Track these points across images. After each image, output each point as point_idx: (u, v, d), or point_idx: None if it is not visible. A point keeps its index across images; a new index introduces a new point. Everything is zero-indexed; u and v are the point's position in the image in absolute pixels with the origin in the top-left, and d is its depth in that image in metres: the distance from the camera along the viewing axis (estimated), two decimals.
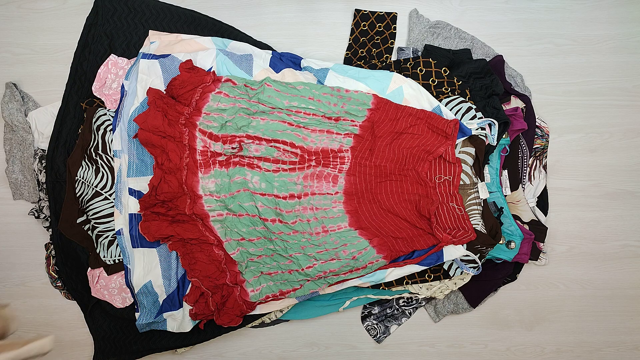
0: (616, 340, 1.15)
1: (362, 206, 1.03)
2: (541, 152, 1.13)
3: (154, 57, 1.05)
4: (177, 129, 1.00)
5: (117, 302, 1.06)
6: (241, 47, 1.08)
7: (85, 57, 1.10)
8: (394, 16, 1.16)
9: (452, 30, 1.15)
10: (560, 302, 1.16)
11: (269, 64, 1.07)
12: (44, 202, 1.09)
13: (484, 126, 1.04)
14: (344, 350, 1.15)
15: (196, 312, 1.01)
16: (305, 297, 1.03)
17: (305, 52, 1.14)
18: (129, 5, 1.10)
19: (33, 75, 1.15)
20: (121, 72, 1.07)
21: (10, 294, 1.15)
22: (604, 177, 1.16)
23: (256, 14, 1.17)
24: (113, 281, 1.05)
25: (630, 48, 1.17)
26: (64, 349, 1.16)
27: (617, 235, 1.16)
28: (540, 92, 1.16)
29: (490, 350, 1.16)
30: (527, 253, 1.07)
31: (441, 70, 1.08)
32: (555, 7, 1.18)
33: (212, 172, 1.01)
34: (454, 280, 1.07)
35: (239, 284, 1.01)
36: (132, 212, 1.01)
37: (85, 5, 1.12)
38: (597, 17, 1.18)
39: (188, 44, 1.07)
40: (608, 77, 1.17)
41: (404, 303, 1.13)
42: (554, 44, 1.17)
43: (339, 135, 1.03)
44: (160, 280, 1.02)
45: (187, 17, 1.12)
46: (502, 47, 1.15)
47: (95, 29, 1.10)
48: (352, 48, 1.15)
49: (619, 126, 1.17)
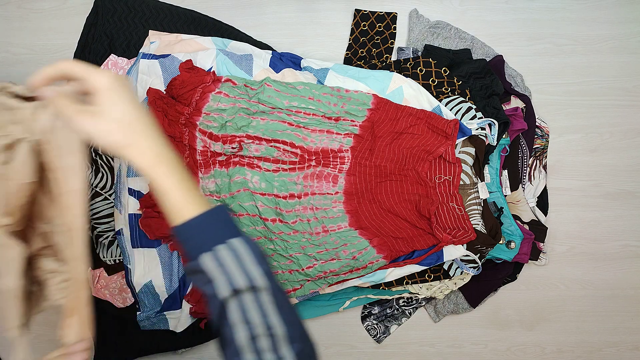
0: (616, 340, 1.15)
1: (362, 206, 1.03)
2: (541, 152, 1.13)
3: (154, 57, 1.05)
4: (177, 129, 1.00)
5: (117, 302, 1.06)
6: (241, 47, 1.08)
7: (85, 57, 1.10)
8: (394, 16, 1.16)
9: (452, 30, 1.15)
10: (561, 302, 1.16)
11: (269, 64, 1.07)
12: None
13: (484, 126, 1.04)
14: (344, 350, 1.15)
15: (196, 310, 1.01)
16: (306, 297, 1.03)
17: (305, 52, 1.14)
18: (129, 5, 1.10)
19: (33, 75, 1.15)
20: (121, 72, 1.08)
21: None
22: (604, 177, 1.16)
23: (256, 14, 1.17)
24: (113, 281, 1.05)
25: (631, 48, 1.17)
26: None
27: (617, 235, 1.16)
28: (540, 92, 1.16)
29: (490, 350, 1.16)
30: (527, 253, 1.07)
31: (441, 70, 1.08)
32: (555, 7, 1.18)
33: (212, 172, 1.01)
34: (454, 280, 1.07)
35: None
36: (132, 212, 1.01)
37: (85, 5, 1.12)
38: (598, 17, 1.18)
39: (188, 44, 1.07)
40: (608, 77, 1.17)
41: (404, 303, 1.13)
42: (554, 44, 1.17)
43: (339, 135, 1.03)
44: (161, 279, 1.02)
45: (187, 17, 1.12)
46: (502, 47, 1.15)
47: (95, 29, 1.10)
48: (352, 48, 1.15)
49: (620, 126, 1.17)
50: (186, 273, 0.56)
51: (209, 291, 0.51)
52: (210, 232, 0.53)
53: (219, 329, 0.52)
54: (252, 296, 0.50)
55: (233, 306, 0.50)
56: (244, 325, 0.49)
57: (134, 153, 0.54)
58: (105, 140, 0.53)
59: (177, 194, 0.54)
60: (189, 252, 0.54)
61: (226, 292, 0.50)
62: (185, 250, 0.54)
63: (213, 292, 0.51)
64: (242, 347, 0.48)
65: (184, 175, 0.56)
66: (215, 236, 0.52)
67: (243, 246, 0.52)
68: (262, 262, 0.53)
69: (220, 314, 0.50)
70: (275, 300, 0.51)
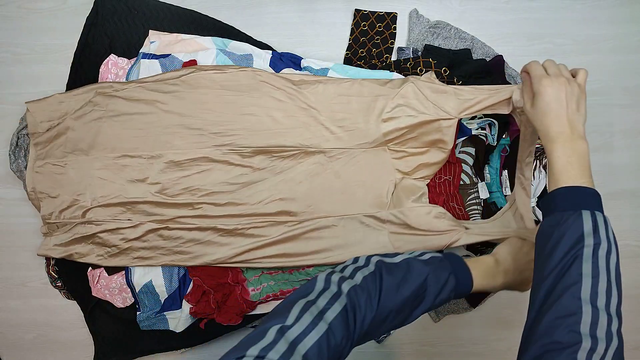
0: None
1: None
2: (541, 152, 1.13)
3: (154, 57, 1.05)
4: None
5: (117, 302, 1.06)
6: (241, 47, 1.08)
7: (85, 57, 1.10)
8: (394, 16, 1.16)
9: (452, 30, 1.15)
10: None
11: (269, 63, 1.07)
12: None
13: (484, 126, 1.04)
14: None
15: (196, 310, 1.01)
16: None
17: (305, 52, 1.14)
18: (129, 5, 1.10)
19: (33, 75, 1.15)
20: (121, 72, 1.07)
21: (10, 294, 1.15)
22: (604, 177, 1.16)
23: (256, 14, 1.17)
24: (114, 281, 1.04)
25: (631, 48, 1.17)
26: (64, 349, 1.16)
27: (617, 235, 1.14)
28: None
29: (491, 350, 1.16)
30: None
31: (441, 70, 1.08)
32: (555, 7, 1.18)
33: None
34: None
35: (240, 282, 1.01)
36: None
37: (85, 5, 1.12)
38: (598, 17, 1.17)
39: (188, 44, 1.07)
40: (609, 77, 1.17)
41: None
42: (554, 44, 1.17)
43: None
44: (161, 279, 1.02)
45: (187, 17, 1.12)
46: (502, 47, 1.15)
47: (95, 29, 1.10)
48: (352, 48, 1.15)
49: (620, 126, 1.17)
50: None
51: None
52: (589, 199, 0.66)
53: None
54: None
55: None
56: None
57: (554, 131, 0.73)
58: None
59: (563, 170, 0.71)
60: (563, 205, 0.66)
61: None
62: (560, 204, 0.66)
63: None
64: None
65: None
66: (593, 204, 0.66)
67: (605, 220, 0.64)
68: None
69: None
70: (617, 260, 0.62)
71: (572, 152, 0.71)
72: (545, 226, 0.66)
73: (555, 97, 0.74)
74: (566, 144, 0.72)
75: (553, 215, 0.66)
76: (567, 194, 0.68)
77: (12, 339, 1.16)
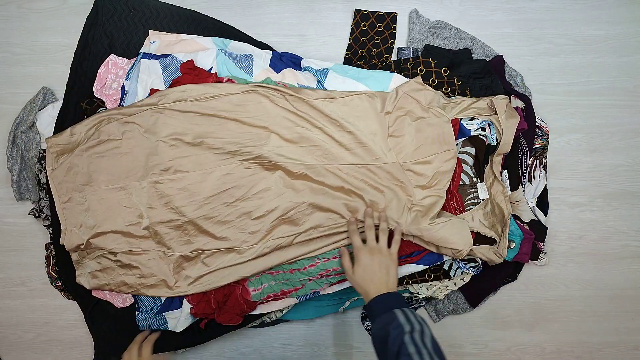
0: (616, 341, 1.15)
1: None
2: (541, 152, 1.13)
3: (154, 57, 1.05)
4: None
5: (117, 302, 1.06)
6: (241, 47, 1.08)
7: (85, 57, 1.10)
8: (394, 16, 1.16)
9: (452, 30, 1.15)
10: (561, 302, 1.16)
11: (269, 64, 1.07)
12: (44, 201, 1.09)
13: (484, 126, 1.04)
14: (344, 350, 1.15)
15: (196, 311, 1.01)
16: (307, 297, 1.03)
17: (305, 52, 1.14)
18: (129, 5, 1.10)
19: (33, 75, 1.15)
20: (121, 72, 1.07)
21: (10, 294, 1.15)
22: (604, 177, 1.16)
23: (256, 14, 1.17)
24: None
25: (631, 48, 1.17)
26: (64, 349, 1.16)
27: (617, 235, 1.16)
28: (540, 92, 1.16)
29: (490, 350, 1.16)
30: (527, 253, 1.07)
31: (441, 70, 1.08)
32: (555, 7, 1.18)
33: None
34: (454, 280, 1.07)
35: (240, 282, 1.01)
36: None
37: (85, 5, 1.12)
38: (597, 17, 1.18)
39: (188, 44, 1.07)
40: (609, 77, 1.17)
41: None
42: (554, 44, 1.17)
43: None
44: None
45: (187, 17, 1.12)
46: (502, 47, 1.15)
47: (95, 29, 1.10)
48: (352, 48, 1.15)
49: (620, 126, 1.17)
50: (371, 318, 0.86)
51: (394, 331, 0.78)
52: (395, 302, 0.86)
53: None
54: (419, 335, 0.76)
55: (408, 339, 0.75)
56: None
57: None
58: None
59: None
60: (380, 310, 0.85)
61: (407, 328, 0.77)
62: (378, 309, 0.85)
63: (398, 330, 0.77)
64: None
65: None
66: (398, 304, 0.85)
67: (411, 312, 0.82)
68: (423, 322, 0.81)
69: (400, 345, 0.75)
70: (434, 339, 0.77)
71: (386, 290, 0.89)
72: (375, 329, 0.83)
73: (369, 264, 0.90)
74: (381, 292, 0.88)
75: (379, 318, 0.83)
76: (379, 300, 0.86)
77: (12, 338, 1.16)
